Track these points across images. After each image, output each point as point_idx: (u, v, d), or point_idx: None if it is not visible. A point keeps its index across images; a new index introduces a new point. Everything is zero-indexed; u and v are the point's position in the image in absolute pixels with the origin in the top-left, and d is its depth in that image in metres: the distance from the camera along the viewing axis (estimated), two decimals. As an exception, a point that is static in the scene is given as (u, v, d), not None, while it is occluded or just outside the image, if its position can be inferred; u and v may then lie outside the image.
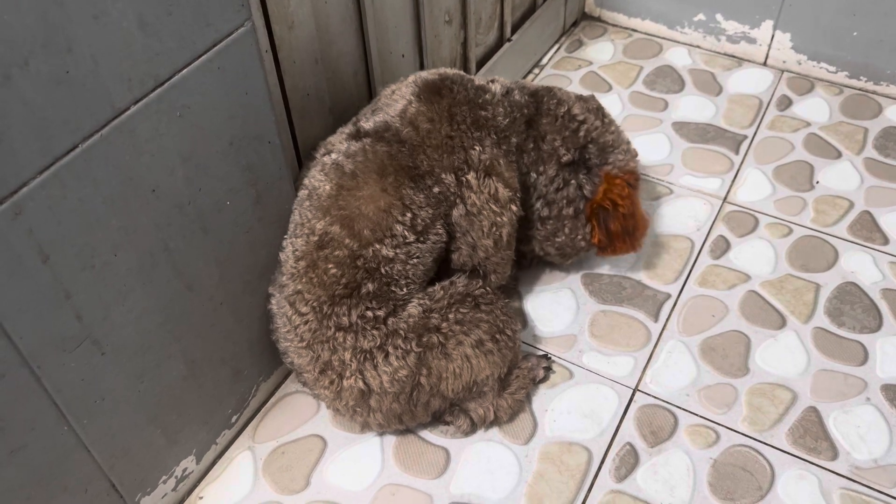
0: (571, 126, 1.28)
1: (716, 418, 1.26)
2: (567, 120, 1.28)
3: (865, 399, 1.28)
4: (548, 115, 1.28)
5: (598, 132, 1.30)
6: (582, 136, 1.29)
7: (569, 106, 1.29)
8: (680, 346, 1.36)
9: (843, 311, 1.40)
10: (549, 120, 1.27)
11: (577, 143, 1.29)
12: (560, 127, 1.28)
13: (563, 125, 1.28)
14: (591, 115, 1.30)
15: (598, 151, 1.31)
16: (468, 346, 1.15)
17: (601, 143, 1.31)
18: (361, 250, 1.10)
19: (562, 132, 1.28)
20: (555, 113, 1.28)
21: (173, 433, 1.11)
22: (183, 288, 1.02)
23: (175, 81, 0.89)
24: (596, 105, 1.34)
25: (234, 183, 1.03)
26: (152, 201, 0.92)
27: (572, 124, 1.29)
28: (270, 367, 1.28)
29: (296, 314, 1.12)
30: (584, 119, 1.29)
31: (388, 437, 1.25)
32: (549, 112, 1.28)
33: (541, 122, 1.27)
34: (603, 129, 1.31)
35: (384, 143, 1.13)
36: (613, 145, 1.31)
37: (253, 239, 1.11)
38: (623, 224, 1.30)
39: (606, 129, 1.31)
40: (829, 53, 1.85)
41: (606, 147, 1.31)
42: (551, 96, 1.29)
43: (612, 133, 1.32)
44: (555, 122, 1.28)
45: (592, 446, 1.23)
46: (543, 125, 1.27)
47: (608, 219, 1.30)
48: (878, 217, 1.56)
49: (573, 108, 1.30)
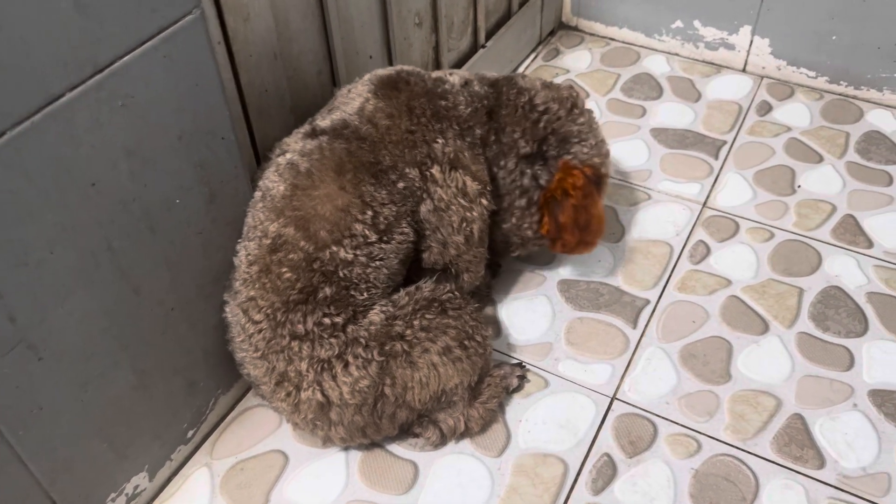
0: (532, 116, 1.23)
1: (697, 427, 1.20)
2: (528, 110, 1.23)
3: (852, 405, 1.22)
4: (507, 105, 1.22)
5: (561, 122, 1.24)
6: (542, 126, 1.23)
7: (530, 95, 1.24)
8: (659, 353, 1.31)
9: (827, 315, 1.36)
10: (508, 111, 1.22)
11: (537, 134, 1.23)
12: (520, 118, 1.22)
13: (523, 115, 1.23)
14: (555, 104, 1.24)
15: (558, 142, 1.24)
16: (435, 354, 1.09)
17: (562, 134, 1.24)
18: (318, 253, 1.05)
19: (522, 123, 1.22)
20: (515, 103, 1.23)
21: (122, 447, 1.05)
22: (129, 291, 0.96)
23: (116, 68, 0.85)
24: (566, 94, 1.27)
25: (184, 180, 0.98)
26: (93, 196, 0.87)
27: (533, 114, 1.23)
28: (229, 380, 1.21)
29: (249, 322, 1.07)
30: (545, 109, 1.24)
31: (353, 452, 1.19)
32: (509, 102, 1.22)
33: (501, 114, 1.22)
34: (567, 119, 1.25)
35: (342, 140, 1.09)
36: (578, 137, 1.25)
37: (207, 241, 1.06)
38: (574, 217, 1.22)
39: (571, 120, 1.25)
40: (808, 58, 1.83)
41: (569, 138, 1.24)
42: (511, 85, 1.24)
43: (579, 125, 1.25)
44: (514, 113, 1.22)
45: (568, 458, 1.17)
46: (503, 116, 1.22)
47: (558, 208, 1.23)
48: (861, 220, 1.53)
49: (535, 97, 1.24)
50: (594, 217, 1.23)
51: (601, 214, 1.26)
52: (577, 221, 1.22)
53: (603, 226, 1.27)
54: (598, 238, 1.27)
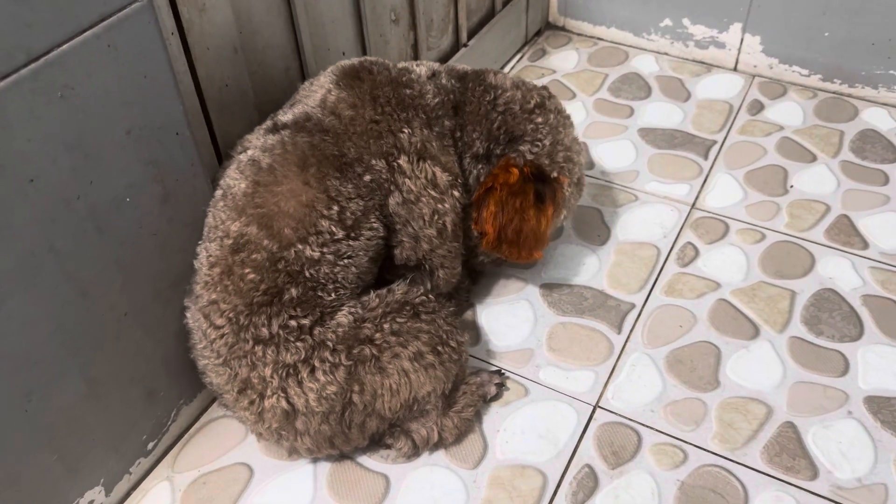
0: (491, 116, 1.16)
1: (683, 436, 1.14)
2: (489, 109, 1.17)
3: (847, 413, 1.16)
4: (471, 102, 1.16)
5: (516, 121, 1.17)
6: (496, 126, 1.17)
7: (495, 94, 1.17)
8: (644, 359, 1.25)
9: (821, 318, 1.30)
10: (472, 108, 1.16)
11: (492, 134, 1.17)
12: (481, 116, 1.16)
13: (484, 114, 1.16)
14: (516, 105, 1.17)
15: (507, 141, 1.17)
16: (406, 360, 1.04)
17: (513, 132, 1.17)
18: (282, 252, 1.00)
19: (482, 122, 1.16)
20: (479, 101, 1.17)
21: (74, 460, 0.99)
22: (76, 294, 0.91)
23: (53, 57, 0.80)
24: (534, 95, 1.19)
25: (134, 177, 0.93)
26: (31, 193, 0.82)
27: (493, 114, 1.16)
28: (193, 389, 1.16)
29: (211, 327, 1.01)
30: (505, 109, 1.17)
31: (321, 464, 1.13)
32: (473, 100, 1.16)
33: (465, 110, 1.16)
34: (521, 117, 1.17)
35: (305, 134, 1.04)
36: (530, 136, 1.17)
37: (162, 242, 1.01)
38: (498, 215, 1.14)
39: (527, 119, 1.17)
40: (800, 56, 1.78)
41: (520, 136, 1.17)
42: (479, 82, 1.18)
43: (535, 123, 1.17)
44: (477, 111, 1.16)
45: (548, 469, 1.11)
46: (467, 113, 1.16)
47: (483, 202, 1.16)
48: (856, 220, 1.47)
49: (500, 96, 1.17)
50: (526, 221, 1.14)
51: (538, 221, 1.15)
52: (504, 222, 1.14)
53: (540, 236, 1.16)
54: (530, 246, 1.16)
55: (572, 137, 1.22)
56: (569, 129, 1.22)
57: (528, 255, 1.18)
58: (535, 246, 1.17)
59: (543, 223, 1.15)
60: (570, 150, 1.20)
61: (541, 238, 1.17)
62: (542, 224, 1.15)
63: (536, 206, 1.14)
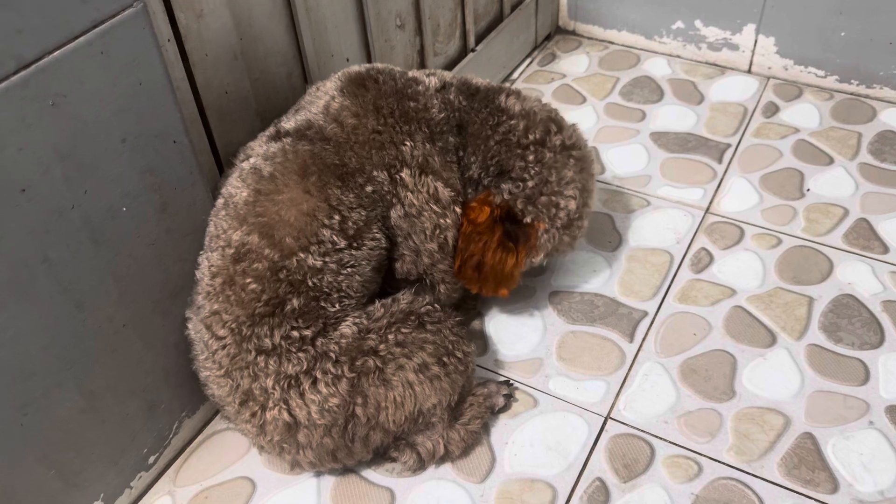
0: (489, 143, 1.12)
1: (698, 448, 1.11)
2: (489, 135, 1.12)
3: (868, 423, 1.12)
4: (474, 124, 1.12)
5: (508, 155, 1.12)
6: (490, 155, 1.12)
7: (499, 120, 1.12)
8: (657, 369, 1.21)
9: (840, 325, 1.26)
10: (473, 130, 1.12)
11: (485, 163, 1.13)
12: (481, 142, 1.12)
13: (483, 139, 1.12)
14: (514, 137, 1.11)
15: (495, 174, 1.13)
16: (410, 371, 1.01)
17: (502, 166, 1.12)
18: (284, 261, 0.98)
19: (480, 147, 1.12)
20: (482, 123, 1.12)
21: (72, 474, 0.98)
22: (71, 306, 0.89)
23: (44, 65, 0.78)
24: (538, 129, 1.12)
25: (130, 186, 0.92)
26: (22, 203, 0.81)
27: (490, 142, 1.12)
28: (195, 402, 1.14)
29: (213, 338, 1.00)
30: (501, 139, 1.12)
31: (325, 478, 1.11)
32: (476, 121, 1.12)
33: (467, 131, 1.12)
34: (514, 152, 1.12)
35: (306, 142, 1.02)
36: (516, 174, 1.11)
37: (160, 252, 0.99)
38: (465, 248, 1.11)
39: (518, 155, 1.11)
40: (816, 56, 1.74)
41: (507, 172, 1.12)
42: (486, 103, 1.13)
43: (526, 161, 1.11)
44: (478, 135, 1.12)
45: (558, 483, 1.08)
46: (469, 135, 1.12)
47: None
48: (875, 224, 1.43)
49: (502, 124, 1.12)
50: (486, 261, 1.11)
51: (502, 261, 1.12)
52: (465, 257, 1.11)
53: (505, 279, 1.14)
54: (493, 283, 1.14)
55: (569, 179, 1.13)
56: (566, 171, 1.13)
57: (490, 291, 1.16)
58: (499, 284, 1.15)
59: (510, 264, 1.13)
60: (559, 195, 1.13)
61: (503, 278, 1.14)
62: (507, 264, 1.13)
63: (503, 246, 1.12)
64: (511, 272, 1.15)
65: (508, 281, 1.16)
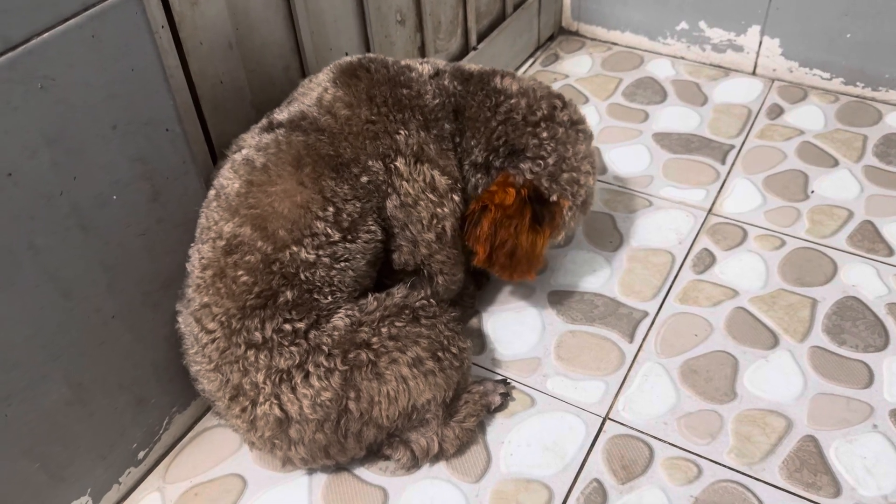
0: (491, 125, 1.10)
1: (697, 450, 1.09)
2: (489, 116, 1.10)
3: (872, 426, 1.10)
4: (470, 107, 1.10)
5: (518, 133, 1.10)
6: (495, 136, 1.10)
7: (497, 100, 1.10)
8: (657, 369, 1.19)
9: (843, 328, 1.23)
10: (470, 113, 1.10)
11: (491, 144, 1.10)
12: (481, 124, 1.10)
13: (483, 121, 1.10)
14: (518, 114, 1.10)
15: (507, 154, 1.10)
16: (404, 366, 0.99)
17: (514, 145, 1.10)
18: (277, 254, 0.96)
19: (480, 130, 1.10)
20: (479, 106, 1.10)
21: (58, 468, 0.96)
22: (58, 295, 0.88)
23: (32, 47, 0.77)
24: (543, 104, 1.11)
25: (120, 174, 0.90)
26: (8, 187, 0.79)
27: (492, 122, 1.10)
28: (186, 397, 1.12)
29: (203, 332, 0.98)
30: (505, 119, 1.10)
31: (317, 476, 1.08)
32: (473, 105, 1.10)
33: (464, 115, 1.10)
34: (525, 130, 1.10)
35: (300, 133, 1.00)
36: (532, 152, 1.10)
37: (151, 243, 0.97)
38: (494, 235, 1.08)
39: (531, 133, 1.10)
40: (821, 59, 1.72)
41: (521, 151, 1.10)
42: (482, 85, 1.11)
43: (539, 138, 1.10)
44: (476, 118, 1.10)
45: (554, 484, 1.06)
46: (466, 119, 1.10)
47: (475, 220, 1.10)
48: (880, 227, 1.40)
49: (502, 103, 1.10)
50: (520, 245, 1.08)
51: (532, 244, 1.10)
52: (496, 244, 1.08)
53: (535, 261, 1.11)
54: (522, 268, 1.11)
55: (583, 154, 1.13)
56: (579, 146, 1.12)
57: (519, 276, 1.13)
58: (528, 268, 1.12)
59: (539, 246, 1.10)
60: (578, 171, 1.12)
61: (534, 261, 1.12)
62: (536, 247, 1.10)
63: (532, 229, 1.09)
64: (539, 254, 1.12)
65: (537, 264, 1.13)
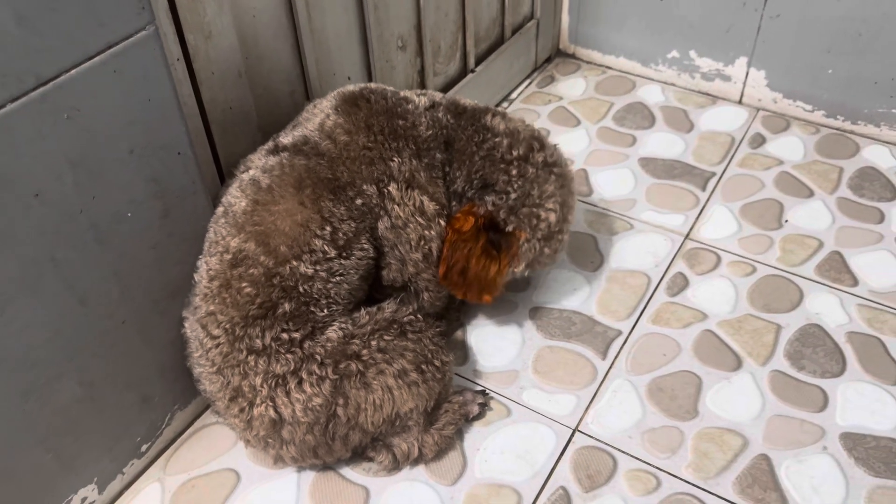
0: (474, 159, 1.19)
1: (658, 463, 1.17)
2: (474, 151, 1.19)
3: (822, 448, 1.18)
4: (460, 140, 1.19)
5: (492, 169, 1.18)
6: (474, 170, 1.19)
7: (483, 137, 1.19)
8: (626, 386, 1.28)
9: (804, 353, 1.32)
10: (459, 146, 1.19)
11: (469, 177, 1.19)
12: (466, 157, 1.19)
13: (469, 155, 1.19)
14: (497, 152, 1.18)
15: (479, 187, 1.19)
16: (390, 376, 1.08)
17: (486, 181, 1.19)
18: (278, 268, 1.05)
19: (465, 163, 1.19)
20: (467, 140, 1.19)
21: (68, 459, 1.05)
22: (75, 302, 0.97)
23: (61, 82, 0.85)
24: (522, 146, 1.19)
25: (135, 193, 0.99)
26: (35, 206, 0.88)
27: (475, 157, 1.19)
28: (187, 396, 1.21)
29: (208, 337, 1.07)
30: (486, 155, 1.19)
31: (305, 474, 1.17)
32: (462, 138, 1.19)
33: (453, 148, 1.19)
34: (498, 167, 1.18)
35: (302, 157, 1.09)
36: (500, 187, 1.18)
37: (161, 255, 1.06)
38: (450, 255, 1.17)
39: (503, 170, 1.18)
40: (805, 92, 1.80)
41: (490, 185, 1.19)
42: (472, 122, 1.20)
43: (509, 175, 1.18)
44: (463, 151, 1.19)
45: (523, 489, 1.15)
46: (455, 151, 1.19)
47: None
48: (848, 258, 1.49)
49: (487, 141, 1.19)
50: (471, 267, 1.17)
51: (485, 268, 1.18)
52: (451, 263, 1.17)
53: (488, 283, 1.19)
54: (476, 289, 1.20)
55: (549, 194, 1.20)
56: (547, 185, 1.20)
57: (474, 297, 1.22)
58: (483, 290, 1.20)
59: (493, 269, 1.19)
60: (540, 207, 1.19)
61: (488, 283, 1.20)
62: (490, 270, 1.19)
63: (487, 254, 1.18)
64: (494, 279, 1.21)
65: (491, 287, 1.21)
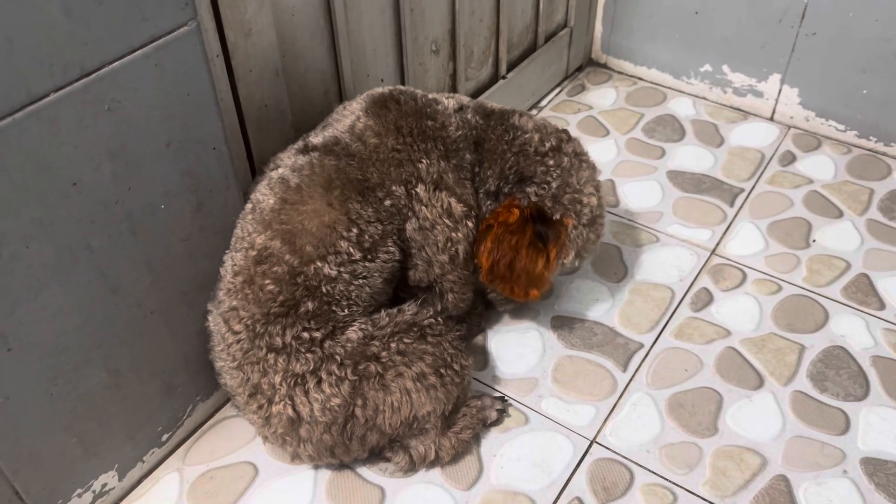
0: (507, 157, 1.20)
1: (675, 479, 1.17)
2: (505, 149, 1.20)
3: (842, 472, 1.17)
4: (490, 140, 1.20)
5: (528, 162, 1.20)
6: (508, 166, 1.20)
7: (514, 135, 1.21)
8: (646, 399, 1.28)
9: (827, 375, 1.31)
10: (490, 146, 1.20)
11: (503, 174, 1.21)
12: (498, 156, 1.20)
13: (500, 154, 1.20)
14: (531, 147, 1.20)
15: (516, 181, 1.21)
16: (409, 379, 1.08)
17: (523, 173, 1.20)
18: (302, 267, 1.06)
19: (498, 161, 1.20)
20: (498, 139, 1.21)
21: (92, 444, 1.06)
22: (107, 290, 0.98)
23: (104, 73, 0.87)
24: (552, 139, 1.22)
25: (170, 186, 1.00)
26: (73, 195, 0.89)
27: (507, 154, 1.20)
28: (210, 387, 1.22)
29: (229, 332, 1.08)
30: (518, 150, 1.20)
31: (322, 471, 1.18)
32: (493, 138, 1.20)
33: (484, 147, 1.20)
34: (534, 159, 1.20)
35: (332, 157, 1.10)
36: (539, 178, 1.20)
37: (192, 248, 1.07)
38: (495, 249, 1.16)
39: (538, 161, 1.20)
40: (837, 111, 1.78)
41: (529, 177, 1.20)
42: (501, 121, 1.22)
43: (546, 166, 1.20)
44: (494, 150, 1.20)
45: (539, 498, 1.15)
46: (485, 151, 1.20)
47: (482, 237, 1.19)
48: (875, 280, 1.47)
49: (517, 138, 1.21)
50: (519, 259, 1.16)
51: (534, 260, 1.17)
52: (497, 257, 1.16)
53: (535, 275, 1.18)
54: (523, 283, 1.18)
55: (586, 179, 1.23)
56: (582, 172, 1.23)
57: (521, 292, 1.19)
58: (530, 284, 1.19)
59: (541, 263, 1.18)
60: (580, 192, 1.21)
61: (536, 277, 1.18)
62: (538, 264, 1.18)
63: (534, 246, 1.17)
64: (542, 273, 1.19)
65: (540, 282, 1.19)
